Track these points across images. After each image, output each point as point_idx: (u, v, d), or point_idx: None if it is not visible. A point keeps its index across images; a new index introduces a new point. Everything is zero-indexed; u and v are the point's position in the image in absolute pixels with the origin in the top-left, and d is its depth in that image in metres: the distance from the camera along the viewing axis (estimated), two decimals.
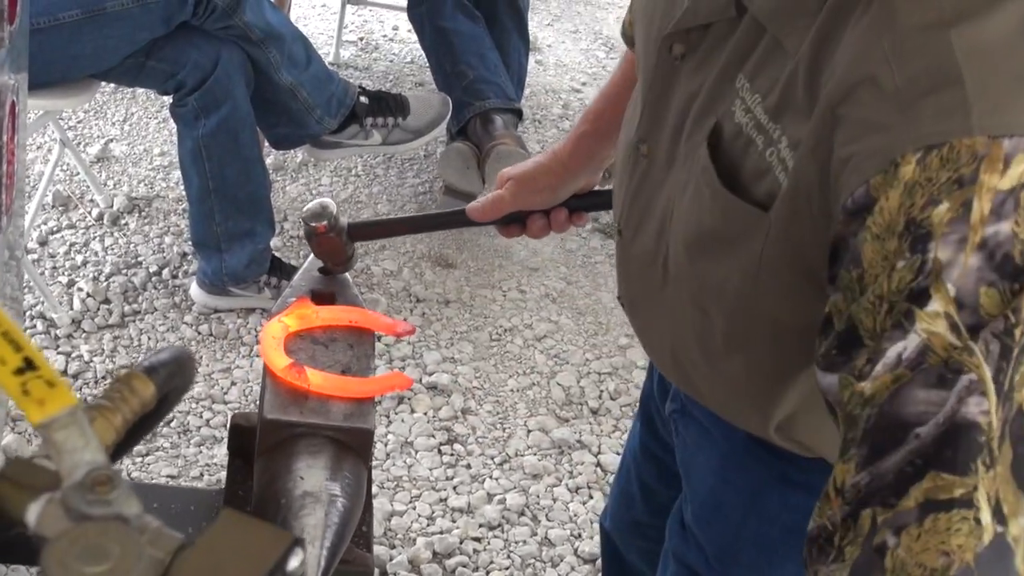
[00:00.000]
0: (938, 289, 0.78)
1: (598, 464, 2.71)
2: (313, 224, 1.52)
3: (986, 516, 0.75)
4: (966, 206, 0.78)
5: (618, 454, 2.72)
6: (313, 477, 1.25)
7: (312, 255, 1.59)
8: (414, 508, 2.52)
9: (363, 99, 3.11)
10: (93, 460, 0.64)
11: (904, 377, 0.78)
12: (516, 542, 2.47)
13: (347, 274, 1.60)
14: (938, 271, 0.79)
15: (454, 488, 2.58)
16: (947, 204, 0.79)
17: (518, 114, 3.55)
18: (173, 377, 0.76)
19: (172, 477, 2.51)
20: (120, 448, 0.73)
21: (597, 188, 1.59)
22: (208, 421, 2.66)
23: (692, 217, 1.06)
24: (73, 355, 2.77)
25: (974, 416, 0.76)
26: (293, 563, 0.64)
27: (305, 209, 1.55)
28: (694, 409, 1.33)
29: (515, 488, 2.60)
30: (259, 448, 1.33)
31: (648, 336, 1.29)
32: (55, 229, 3.19)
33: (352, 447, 1.32)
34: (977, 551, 0.74)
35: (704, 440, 1.33)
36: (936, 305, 0.78)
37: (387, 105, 3.16)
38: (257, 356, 2.78)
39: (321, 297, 1.53)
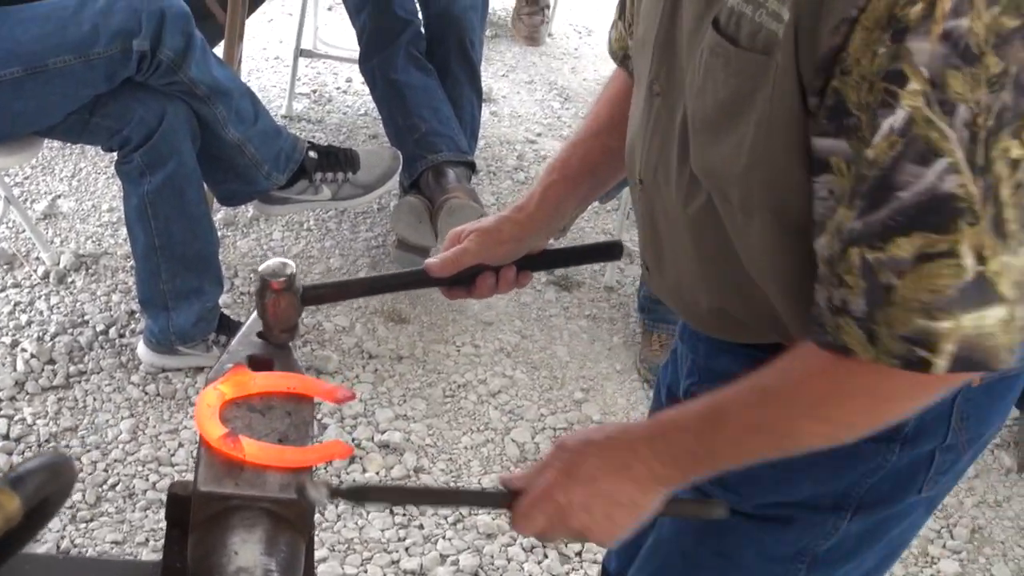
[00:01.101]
0: (914, 72, 0.98)
1: None
2: (269, 280, 1.48)
3: (968, 261, 0.99)
4: (932, 5, 0.96)
5: None
6: (247, 552, 1.21)
7: (253, 316, 1.54)
8: (365, 571, 2.46)
9: (312, 154, 3.08)
10: None
11: (897, 144, 1.00)
12: None
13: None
14: (909, 57, 0.98)
15: (406, 550, 2.53)
16: (921, 4, 0.97)
17: (471, 167, 3.53)
18: (44, 486, 0.71)
19: (117, 543, 2.44)
20: None
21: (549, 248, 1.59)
22: (154, 484, 2.59)
23: (707, 99, 1.18)
24: (16, 418, 2.70)
25: (951, 189, 0.98)
26: None
27: (264, 265, 1.50)
28: (713, 363, 1.42)
29: (468, 548, 2.55)
30: (193, 521, 1.29)
31: (679, 280, 1.35)
32: None
33: (289, 519, 1.28)
34: (959, 286, 1.00)
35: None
36: (914, 84, 0.98)
37: (337, 160, 3.13)
38: None
39: (259, 363, 1.48)
